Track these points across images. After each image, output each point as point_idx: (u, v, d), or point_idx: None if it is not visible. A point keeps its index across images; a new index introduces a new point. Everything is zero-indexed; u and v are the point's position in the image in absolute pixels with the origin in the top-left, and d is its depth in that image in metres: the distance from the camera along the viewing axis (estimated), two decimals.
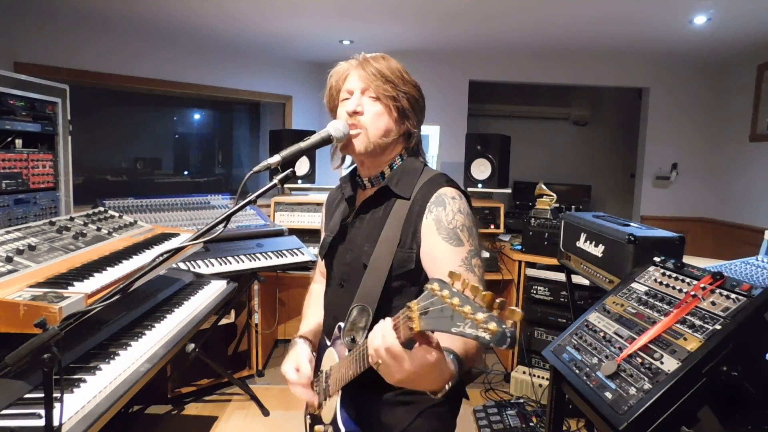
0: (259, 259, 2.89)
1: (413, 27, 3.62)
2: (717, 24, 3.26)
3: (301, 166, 3.80)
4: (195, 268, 2.60)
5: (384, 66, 1.15)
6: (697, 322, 1.12)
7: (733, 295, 1.12)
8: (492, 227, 3.53)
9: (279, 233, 3.18)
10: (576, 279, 2.26)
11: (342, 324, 1.15)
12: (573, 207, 4.68)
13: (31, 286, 1.24)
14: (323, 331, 1.32)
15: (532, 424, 2.72)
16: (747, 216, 4.06)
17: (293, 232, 3.27)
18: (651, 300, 1.32)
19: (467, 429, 2.74)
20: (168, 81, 3.89)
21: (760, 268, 1.60)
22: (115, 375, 1.33)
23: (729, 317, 1.08)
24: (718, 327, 1.07)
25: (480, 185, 3.70)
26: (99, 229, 1.85)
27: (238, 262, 2.80)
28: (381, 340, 0.83)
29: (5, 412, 1.11)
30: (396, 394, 1.15)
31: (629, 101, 5.35)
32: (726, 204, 4.35)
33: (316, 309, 1.39)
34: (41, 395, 0.91)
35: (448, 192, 1.14)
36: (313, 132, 1.14)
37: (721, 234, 4.36)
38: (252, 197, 1.04)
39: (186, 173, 4.94)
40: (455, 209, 1.11)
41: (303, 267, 3.15)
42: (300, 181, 3.87)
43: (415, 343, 0.81)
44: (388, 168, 1.21)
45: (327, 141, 1.12)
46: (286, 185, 3.85)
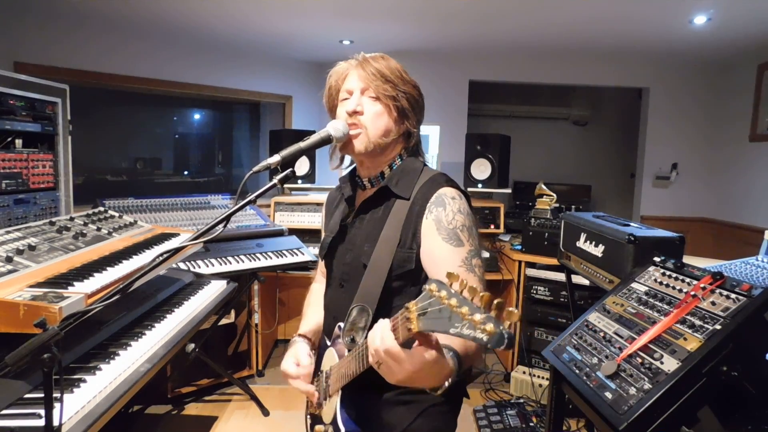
0: (259, 259, 2.89)
1: (413, 27, 3.62)
2: (717, 24, 3.26)
3: (301, 166, 3.80)
4: (195, 268, 2.60)
5: (383, 66, 1.15)
6: (697, 322, 1.12)
7: (733, 295, 1.12)
8: (492, 227, 3.53)
9: (279, 233, 3.18)
10: (576, 279, 2.26)
11: (342, 324, 1.15)
12: (573, 207, 4.68)
13: (31, 286, 1.24)
14: (323, 331, 1.32)
15: (532, 424, 2.72)
16: (747, 216, 4.06)
17: (293, 232, 3.27)
18: (651, 300, 1.32)
19: (467, 429, 2.74)
20: (168, 81, 3.89)
21: (760, 268, 1.60)
22: (115, 375, 1.33)
23: (729, 317, 1.08)
24: (718, 327, 1.07)
25: (480, 185, 3.70)
26: (99, 229, 1.85)
27: (238, 262, 2.80)
28: (380, 341, 0.83)
29: (5, 412, 1.11)
30: (396, 393, 1.15)
31: (629, 101, 5.35)
32: (726, 204, 4.35)
33: (316, 308, 1.39)
34: (41, 395, 0.91)
35: (448, 192, 1.14)
36: (313, 132, 1.14)
37: (721, 234, 4.36)
38: (252, 197, 1.04)
39: (186, 173, 4.94)
40: (455, 209, 1.11)
41: (303, 267, 3.15)
42: (300, 181, 3.87)
43: (415, 342, 0.81)
44: (387, 168, 1.21)
45: (327, 141, 1.12)
46: (286, 185, 3.85)
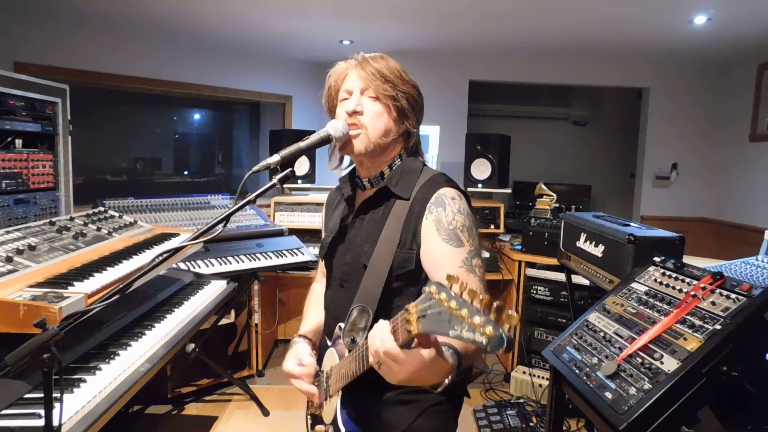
0: (259, 259, 2.89)
1: (413, 27, 3.62)
2: (717, 24, 3.26)
3: (301, 166, 3.80)
4: (195, 268, 2.59)
5: (383, 66, 1.15)
6: (697, 322, 1.12)
7: (733, 295, 1.12)
8: (492, 227, 3.53)
9: (279, 233, 3.18)
10: (576, 279, 2.26)
11: (342, 324, 1.15)
12: (573, 207, 4.68)
13: (31, 286, 1.24)
14: (324, 331, 1.32)
15: (532, 424, 2.72)
16: (747, 216, 4.06)
17: (293, 232, 3.27)
18: (651, 300, 1.32)
19: (467, 429, 2.74)
20: (168, 81, 3.89)
21: (760, 268, 1.60)
22: (115, 375, 1.33)
23: (729, 317, 1.08)
24: (718, 327, 1.07)
25: (480, 185, 3.70)
26: (99, 229, 1.85)
27: (238, 262, 2.80)
28: (380, 342, 0.83)
29: (5, 412, 1.11)
30: (397, 393, 1.15)
31: (629, 101, 5.35)
32: (726, 204, 4.35)
33: (316, 308, 1.39)
34: (41, 395, 0.90)
35: (447, 192, 1.14)
36: (313, 132, 1.14)
37: (721, 234, 4.36)
38: (251, 197, 1.04)
39: (186, 173, 4.94)
40: (455, 210, 1.11)
41: (303, 267, 3.15)
42: (300, 181, 3.87)
43: (414, 341, 0.81)
44: (387, 168, 1.21)
45: (326, 140, 1.12)
46: (286, 185, 3.86)
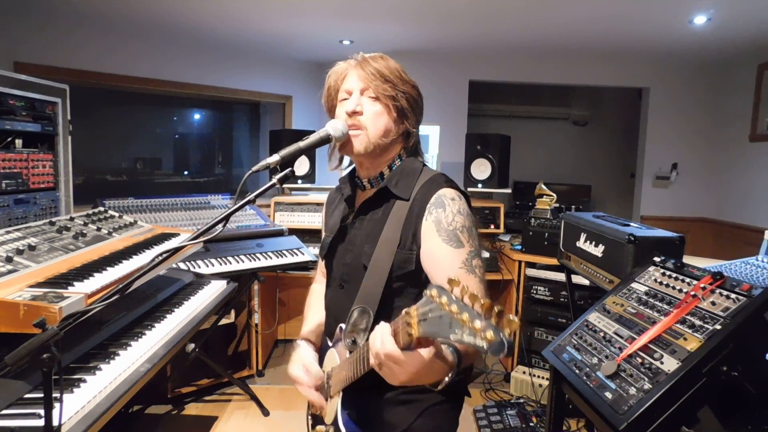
0: (259, 259, 2.89)
1: (413, 27, 3.62)
2: (717, 24, 3.26)
3: (301, 166, 3.80)
4: (195, 268, 2.59)
5: (383, 66, 1.15)
6: (697, 322, 1.12)
7: (733, 295, 1.12)
8: (492, 227, 3.52)
9: (279, 233, 3.18)
10: (576, 279, 2.26)
11: (343, 325, 1.15)
12: (573, 207, 4.68)
13: (31, 286, 1.24)
14: (324, 332, 1.32)
15: (532, 424, 2.72)
16: (747, 216, 4.06)
17: (293, 232, 3.27)
18: (651, 300, 1.32)
19: (467, 429, 2.74)
20: (168, 81, 3.89)
21: (760, 268, 1.60)
22: (115, 375, 1.33)
23: (729, 317, 1.08)
24: (718, 327, 1.07)
25: (480, 185, 3.70)
26: (99, 229, 1.85)
27: (238, 262, 2.80)
28: (381, 344, 0.84)
29: (5, 412, 1.11)
30: (397, 393, 1.15)
31: (629, 101, 5.35)
32: (726, 204, 4.35)
33: (317, 309, 1.39)
34: (41, 395, 0.90)
35: (447, 193, 1.14)
36: (313, 132, 1.14)
37: (721, 234, 4.36)
38: (251, 197, 1.04)
39: (186, 173, 4.94)
40: (455, 210, 1.11)
41: (303, 267, 3.15)
42: (300, 181, 3.87)
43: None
44: (387, 168, 1.21)
45: (326, 140, 1.12)
46: (286, 185, 3.86)
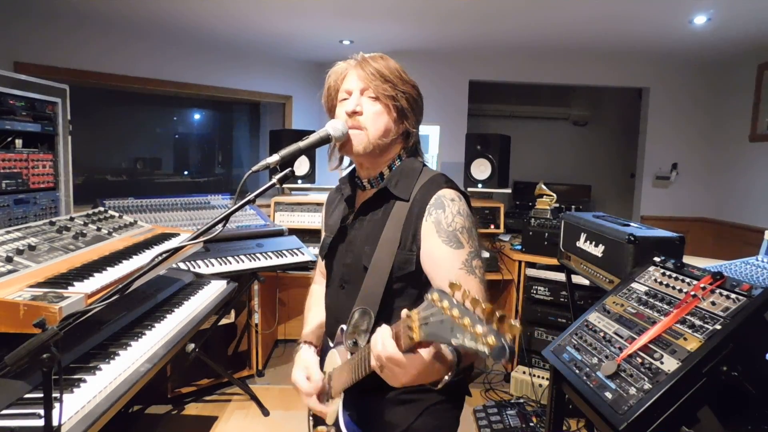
0: (259, 259, 2.89)
1: (413, 27, 3.62)
2: (717, 24, 3.26)
3: (301, 166, 3.80)
4: (195, 268, 2.59)
5: (383, 66, 1.15)
6: (697, 322, 1.12)
7: (733, 295, 1.12)
8: (492, 227, 3.52)
9: (279, 233, 3.18)
10: (576, 279, 2.26)
11: (344, 326, 1.15)
12: (573, 207, 4.67)
13: (31, 286, 1.24)
14: (325, 333, 1.32)
15: (532, 424, 2.72)
16: (747, 216, 4.06)
17: (293, 232, 3.27)
18: (651, 300, 1.32)
19: (467, 429, 2.74)
20: (168, 81, 3.89)
21: (760, 268, 1.60)
22: (115, 375, 1.33)
23: (729, 317, 1.08)
24: (718, 327, 1.07)
25: (480, 185, 3.70)
26: (99, 229, 1.85)
27: (238, 262, 2.80)
28: (382, 348, 0.84)
29: (5, 412, 1.11)
30: (398, 393, 1.15)
31: (629, 101, 5.35)
32: (726, 204, 4.35)
33: (317, 310, 1.39)
34: (41, 395, 0.90)
35: (447, 194, 1.13)
36: (313, 132, 1.14)
37: (721, 234, 4.36)
38: (251, 197, 1.04)
39: (186, 173, 4.93)
40: (454, 211, 1.11)
41: (303, 267, 3.15)
42: (300, 181, 3.87)
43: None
44: (387, 169, 1.21)
45: (326, 140, 1.12)
46: (286, 185, 3.86)
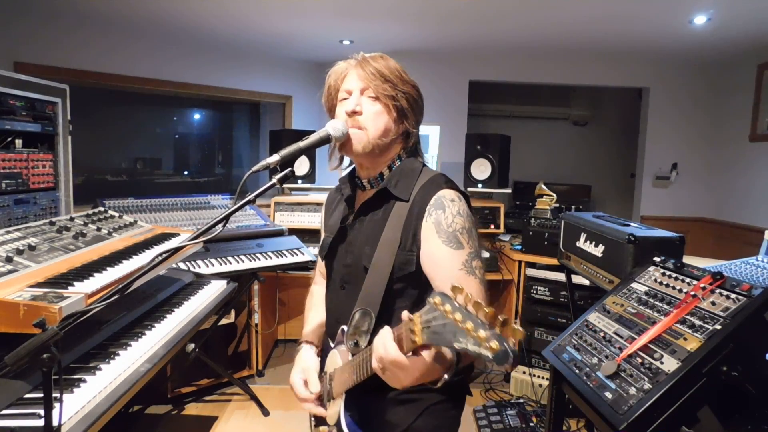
0: (259, 259, 2.89)
1: (413, 27, 3.62)
2: (717, 24, 3.26)
3: (301, 166, 3.80)
4: (195, 268, 2.59)
5: (383, 65, 1.15)
6: (697, 322, 1.12)
7: (733, 295, 1.12)
8: (492, 227, 3.52)
9: (279, 233, 3.18)
10: (576, 279, 2.26)
11: (345, 327, 1.15)
12: (573, 207, 4.67)
13: (31, 286, 1.24)
14: (326, 333, 1.32)
15: (532, 424, 2.72)
16: (747, 216, 4.06)
17: (293, 232, 3.27)
18: (651, 300, 1.32)
19: (467, 429, 2.74)
20: (168, 81, 3.89)
21: (760, 268, 1.60)
22: (115, 375, 1.33)
23: (729, 317, 1.07)
24: (718, 327, 1.07)
25: (480, 185, 3.70)
26: (99, 229, 1.85)
27: (238, 262, 2.80)
28: (384, 351, 0.84)
29: (5, 412, 1.11)
30: (398, 393, 1.15)
31: (629, 101, 5.35)
32: (726, 204, 4.35)
33: (317, 310, 1.39)
34: (41, 395, 0.90)
35: (447, 194, 1.13)
36: (313, 132, 1.14)
37: (721, 234, 4.36)
38: (251, 197, 1.04)
39: (186, 173, 4.93)
40: (455, 212, 1.11)
41: (303, 267, 3.15)
42: (300, 181, 3.87)
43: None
44: (386, 169, 1.21)
45: (326, 140, 1.12)
46: (286, 185, 3.86)
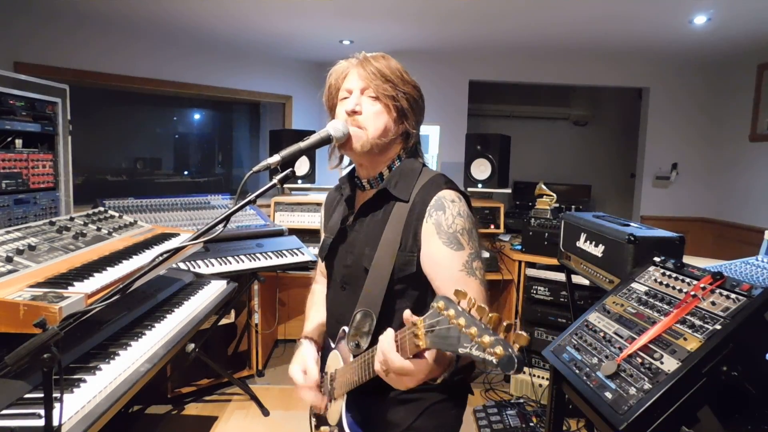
0: (259, 259, 2.89)
1: (413, 27, 3.62)
2: (717, 24, 3.26)
3: (301, 166, 3.80)
4: (195, 268, 2.59)
5: (384, 65, 1.15)
6: (697, 322, 1.12)
7: (733, 295, 1.12)
8: (492, 227, 3.52)
9: (279, 233, 3.18)
10: (576, 279, 2.26)
11: (346, 328, 1.15)
12: (573, 207, 4.67)
13: (31, 286, 1.24)
14: (327, 333, 1.33)
15: (532, 424, 2.72)
16: (747, 216, 4.06)
17: (293, 232, 3.27)
18: (651, 300, 1.32)
19: (467, 429, 2.74)
20: (168, 81, 3.89)
21: (760, 268, 1.60)
22: (115, 375, 1.33)
23: (729, 317, 1.07)
24: (718, 327, 1.07)
25: (480, 185, 3.70)
26: (99, 229, 1.85)
27: (238, 262, 2.80)
28: (388, 356, 0.85)
29: (5, 412, 1.11)
30: (399, 392, 1.14)
31: (629, 101, 5.35)
32: (726, 204, 4.35)
33: (319, 308, 1.39)
34: (41, 395, 0.90)
35: (447, 195, 1.13)
36: (313, 132, 1.14)
37: (721, 234, 4.36)
38: (251, 197, 1.04)
39: (186, 173, 4.93)
40: (455, 213, 1.11)
41: (303, 267, 3.15)
42: (300, 181, 3.87)
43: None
44: (386, 169, 1.20)
45: (326, 141, 1.11)
46: (286, 185, 3.85)
